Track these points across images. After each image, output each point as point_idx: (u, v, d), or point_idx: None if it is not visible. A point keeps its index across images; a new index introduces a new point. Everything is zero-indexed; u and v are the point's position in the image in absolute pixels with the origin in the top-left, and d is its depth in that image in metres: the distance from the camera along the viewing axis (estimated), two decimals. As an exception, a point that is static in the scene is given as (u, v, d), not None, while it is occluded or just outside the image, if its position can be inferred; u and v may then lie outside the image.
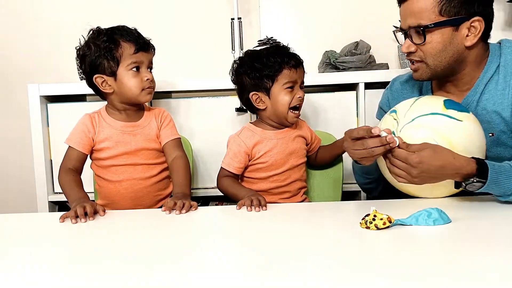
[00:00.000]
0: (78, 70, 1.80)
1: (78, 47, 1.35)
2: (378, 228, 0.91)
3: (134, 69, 1.31)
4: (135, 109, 1.39)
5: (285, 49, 1.38)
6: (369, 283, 0.68)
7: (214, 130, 1.80)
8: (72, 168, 1.32)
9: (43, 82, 1.81)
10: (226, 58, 1.93)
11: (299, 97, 1.34)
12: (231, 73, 1.43)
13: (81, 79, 1.82)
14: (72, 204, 1.16)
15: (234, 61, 1.43)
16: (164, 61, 2.12)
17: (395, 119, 1.13)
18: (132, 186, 1.36)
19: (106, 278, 0.74)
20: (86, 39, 1.34)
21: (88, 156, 1.38)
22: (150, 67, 1.37)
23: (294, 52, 1.38)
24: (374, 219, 0.91)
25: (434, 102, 1.13)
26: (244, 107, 1.48)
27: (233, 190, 1.33)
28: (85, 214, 1.08)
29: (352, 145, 1.10)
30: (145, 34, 1.38)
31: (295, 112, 1.36)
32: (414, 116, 1.09)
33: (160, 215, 1.12)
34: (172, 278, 0.73)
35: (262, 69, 1.33)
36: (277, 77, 1.33)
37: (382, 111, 1.43)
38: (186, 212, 1.12)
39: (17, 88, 2.14)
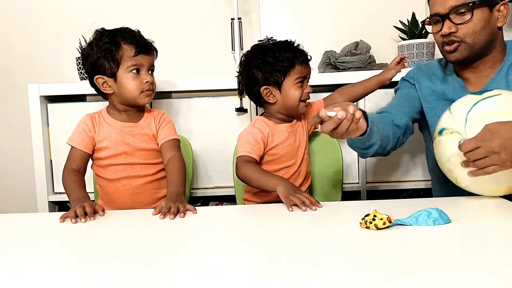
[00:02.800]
0: (79, 70, 1.80)
1: (82, 47, 1.36)
2: (378, 228, 0.91)
3: (134, 71, 1.32)
4: (135, 110, 1.40)
5: (293, 44, 1.39)
6: (369, 283, 0.68)
7: (214, 130, 1.80)
8: (75, 168, 1.33)
9: (43, 82, 1.81)
10: (226, 58, 1.94)
11: (308, 92, 1.38)
12: (239, 67, 1.44)
13: (82, 79, 1.82)
14: (72, 204, 1.16)
15: (244, 54, 1.43)
16: (164, 61, 2.13)
17: (456, 132, 1.12)
18: (130, 183, 1.37)
19: (106, 278, 0.74)
20: (90, 39, 1.35)
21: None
22: (151, 69, 1.38)
23: (302, 48, 1.40)
24: (374, 219, 0.91)
25: (465, 99, 1.15)
26: (252, 101, 1.49)
27: (259, 176, 1.27)
28: (85, 214, 1.08)
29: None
30: (145, 34, 1.38)
31: (305, 102, 1.39)
32: (464, 116, 1.10)
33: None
34: (171, 278, 0.73)
35: (274, 64, 1.34)
36: (289, 72, 1.34)
37: (405, 82, 1.46)
38: (183, 216, 1.08)
39: (17, 88, 2.14)
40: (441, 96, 1.35)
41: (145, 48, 1.34)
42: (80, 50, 1.37)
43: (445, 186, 1.38)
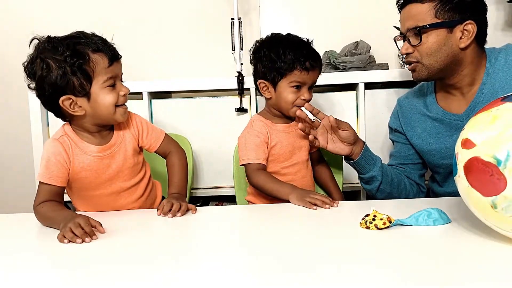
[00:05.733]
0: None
1: (27, 65, 1.10)
2: (378, 228, 0.91)
3: (111, 86, 1.11)
4: (108, 127, 1.20)
5: (305, 46, 1.34)
6: (369, 283, 0.68)
7: (214, 130, 1.80)
8: (47, 200, 1.13)
9: (43, 82, 1.81)
10: (226, 58, 1.94)
11: (303, 99, 1.32)
12: (250, 52, 1.40)
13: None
14: (61, 224, 0.98)
15: (256, 41, 1.40)
16: (164, 61, 2.13)
17: None
18: (115, 207, 1.23)
19: (106, 278, 0.74)
20: (39, 55, 1.08)
21: None
22: (121, 78, 1.16)
23: (314, 50, 1.35)
24: (374, 219, 0.92)
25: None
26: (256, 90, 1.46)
27: (272, 185, 1.27)
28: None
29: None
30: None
31: (298, 107, 1.34)
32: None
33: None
34: (171, 278, 0.73)
35: (275, 61, 1.31)
36: (286, 74, 1.31)
37: (392, 131, 1.50)
38: (181, 215, 1.09)
39: (17, 88, 2.14)
40: (431, 117, 1.35)
41: (115, 53, 1.12)
42: (26, 71, 1.10)
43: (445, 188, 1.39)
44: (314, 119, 1.36)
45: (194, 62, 2.13)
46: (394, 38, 1.35)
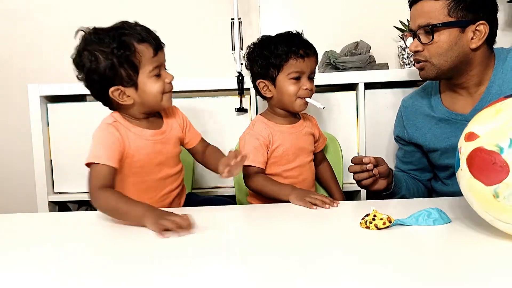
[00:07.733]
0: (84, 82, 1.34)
1: (75, 57, 1.13)
2: (378, 228, 0.91)
3: (156, 74, 1.14)
4: (154, 114, 1.24)
5: (296, 37, 1.33)
6: (369, 283, 0.68)
7: (214, 130, 1.80)
8: (107, 186, 1.09)
9: (43, 82, 1.81)
10: (226, 58, 1.94)
11: (306, 88, 1.31)
12: (244, 58, 1.41)
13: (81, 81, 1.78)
14: (146, 214, 0.97)
15: (248, 46, 1.40)
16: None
17: None
18: (155, 196, 1.23)
19: (106, 278, 0.74)
20: (86, 47, 1.11)
21: None
22: (164, 65, 1.20)
23: (306, 40, 1.34)
24: (374, 219, 0.92)
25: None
26: (257, 93, 1.44)
27: (271, 187, 1.27)
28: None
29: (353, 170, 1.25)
30: None
31: (303, 99, 1.33)
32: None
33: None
34: (171, 278, 0.73)
35: (269, 57, 1.30)
36: (283, 66, 1.30)
37: (398, 140, 1.47)
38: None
39: (17, 88, 2.14)
40: (436, 118, 1.34)
41: (159, 42, 1.15)
42: (74, 63, 1.14)
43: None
44: (322, 107, 1.33)
45: (194, 62, 2.13)
46: (402, 35, 1.33)
